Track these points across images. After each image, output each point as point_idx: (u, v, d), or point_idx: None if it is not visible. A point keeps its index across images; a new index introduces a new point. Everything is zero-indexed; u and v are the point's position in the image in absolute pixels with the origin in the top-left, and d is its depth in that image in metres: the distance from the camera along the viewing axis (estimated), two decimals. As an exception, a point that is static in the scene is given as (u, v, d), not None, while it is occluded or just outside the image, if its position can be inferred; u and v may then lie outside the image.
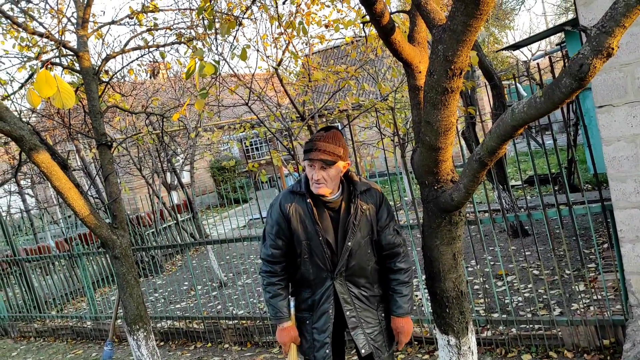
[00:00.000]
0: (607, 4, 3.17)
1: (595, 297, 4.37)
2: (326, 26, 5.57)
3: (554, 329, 3.77)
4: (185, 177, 15.01)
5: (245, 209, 13.85)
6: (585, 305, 4.33)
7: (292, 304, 2.79)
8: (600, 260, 3.71)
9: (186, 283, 8.10)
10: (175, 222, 10.27)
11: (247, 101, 5.63)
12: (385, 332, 2.75)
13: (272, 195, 17.95)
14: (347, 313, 2.66)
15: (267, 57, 6.09)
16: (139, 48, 4.74)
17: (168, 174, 10.45)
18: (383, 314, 2.75)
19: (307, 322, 2.74)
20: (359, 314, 2.68)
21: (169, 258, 10.28)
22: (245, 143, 18.86)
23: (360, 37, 6.50)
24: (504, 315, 4.23)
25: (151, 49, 4.83)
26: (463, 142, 6.70)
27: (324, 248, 2.58)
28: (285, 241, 2.64)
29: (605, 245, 5.59)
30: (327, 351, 2.69)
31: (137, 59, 4.56)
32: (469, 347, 2.73)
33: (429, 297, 2.62)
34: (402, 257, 2.68)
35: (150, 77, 4.93)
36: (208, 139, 8.41)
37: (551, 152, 13.07)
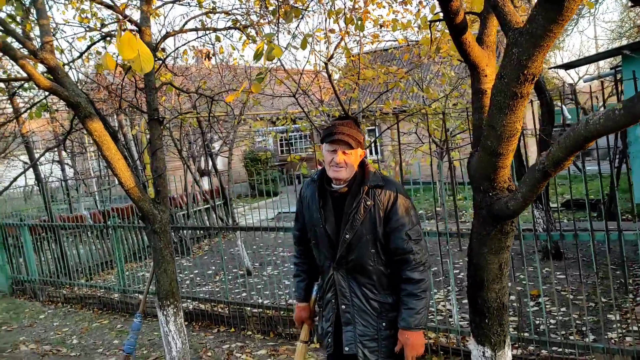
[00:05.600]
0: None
1: (633, 328, 4.23)
2: (381, 26, 5.54)
3: (588, 354, 3.67)
4: (218, 164, 15.16)
5: (275, 202, 13.91)
6: (621, 334, 4.20)
7: (315, 287, 2.86)
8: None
9: (212, 267, 8.17)
10: (207, 206, 10.39)
11: (294, 93, 5.64)
12: (385, 343, 2.56)
13: (302, 191, 17.95)
14: (342, 307, 2.58)
15: (318, 52, 6.09)
16: (196, 29, 4.79)
17: (203, 159, 10.57)
18: (385, 324, 2.56)
19: (321, 308, 2.79)
20: (355, 312, 2.56)
21: (197, 241, 10.39)
22: (285, 136, 18.90)
23: (412, 41, 6.45)
24: (536, 336, 4.13)
25: (208, 32, 4.87)
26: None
27: (324, 236, 2.59)
28: (301, 225, 2.77)
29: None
30: (330, 340, 2.68)
31: (194, 39, 4.60)
32: (504, 361, 2.67)
33: (459, 307, 2.57)
34: (412, 266, 2.48)
35: (204, 59, 4.98)
36: (250, 126, 8.47)
37: (591, 178, 12.75)
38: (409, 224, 2.51)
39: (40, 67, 3.75)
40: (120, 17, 3.95)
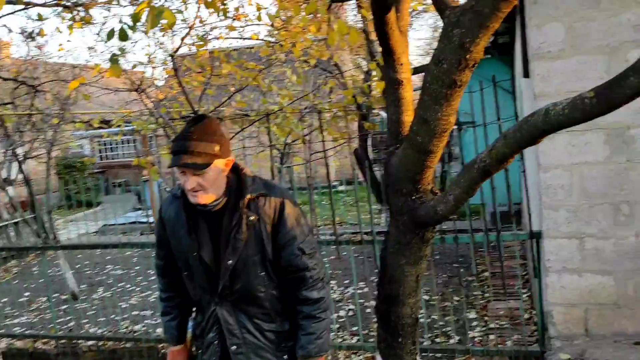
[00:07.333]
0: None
1: (490, 325, 4.37)
2: (236, 18, 5.11)
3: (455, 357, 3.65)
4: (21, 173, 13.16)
5: (97, 213, 12.45)
6: (482, 333, 4.31)
7: (189, 324, 2.33)
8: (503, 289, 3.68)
9: (26, 294, 6.87)
10: (15, 220, 8.84)
11: (137, 88, 4.93)
12: None
13: (126, 201, 16.42)
14: (233, 348, 2.12)
15: (159, 44, 5.44)
16: (12, 2, 3.87)
17: (5, 166, 8.96)
18: (286, 356, 2.18)
19: (200, 351, 2.25)
20: (250, 350, 2.13)
21: (2, 263, 8.75)
22: (107, 140, 17.19)
23: (267, 41, 6.11)
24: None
25: (28, 7, 3.98)
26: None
27: (200, 265, 2.09)
28: (166, 252, 2.23)
29: (487, 273, 5.75)
30: None
31: (8, 14, 3.66)
32: (416, 380, 2.44)
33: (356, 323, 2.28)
34: (309, 284, 2.11)
35: (26, 40, 4.06)
36: (74, 126, 7.31)
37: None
38: (300, 235, 2.10)
39: None
40: None
